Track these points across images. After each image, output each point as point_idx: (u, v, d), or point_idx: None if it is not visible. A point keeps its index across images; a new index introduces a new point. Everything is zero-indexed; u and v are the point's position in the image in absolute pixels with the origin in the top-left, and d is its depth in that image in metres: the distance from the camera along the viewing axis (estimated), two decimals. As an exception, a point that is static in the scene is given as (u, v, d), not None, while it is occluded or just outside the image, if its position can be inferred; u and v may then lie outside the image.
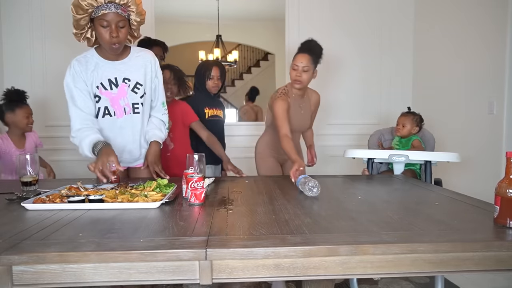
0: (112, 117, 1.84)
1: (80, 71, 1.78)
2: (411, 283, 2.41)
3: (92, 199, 1.31)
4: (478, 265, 0.96)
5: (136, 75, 1.84)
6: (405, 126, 2.60)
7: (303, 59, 2.18)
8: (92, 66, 1.79)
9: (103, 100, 1.81)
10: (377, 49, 3.63)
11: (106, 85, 1.80)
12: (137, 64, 1.85)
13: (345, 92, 3.61)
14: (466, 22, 2.87)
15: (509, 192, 1.03)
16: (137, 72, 1.84)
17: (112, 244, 0.92)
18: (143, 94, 1.87)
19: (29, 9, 3.27)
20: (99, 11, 1.65)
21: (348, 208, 1.31)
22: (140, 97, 1.86)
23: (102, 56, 1.81)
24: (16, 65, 3.29)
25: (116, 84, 1.81)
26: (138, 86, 1.84)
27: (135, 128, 1.89)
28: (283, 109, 2.18)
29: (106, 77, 1.80)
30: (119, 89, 1.82)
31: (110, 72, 1.81)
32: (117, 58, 1.82)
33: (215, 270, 0.91)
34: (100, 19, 1.66)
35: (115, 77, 1.81)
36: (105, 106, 1.82)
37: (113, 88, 1.81)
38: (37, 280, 0.88)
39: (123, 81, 1.82)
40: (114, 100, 1.82)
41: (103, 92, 1.80)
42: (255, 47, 8.80)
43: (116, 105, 1.83)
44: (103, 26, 1.67)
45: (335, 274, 0.94)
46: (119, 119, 1.85)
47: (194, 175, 1.31)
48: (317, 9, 3.52)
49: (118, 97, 1.82)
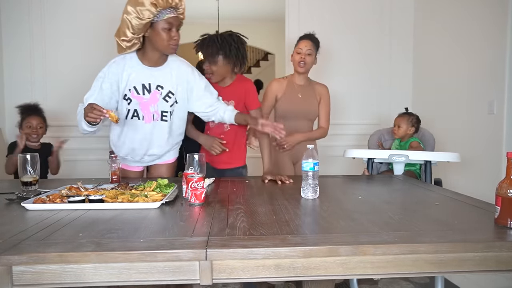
0: (140, 121, 1.85)
1: (116, 72, 1.80)
2: (411, 283, 2.41)
3: (92, 199, 1.31)
4: (479, 265, 0.95)
5: (170, 84, 1.84)
6: (400, 127, 2.60)
7: (306, 43, 2.34)
8: (129, 68, 1.80)
9: (133, 103, 1.83)
10: (377, 49, 3.62)
11: (139, 90, 1.81)
12: (172, 73, 1.85)
13: (345, 92, 3.61)
14: (466, 22, 2.87)
15: (509, 193, 1.02)
16: (171, 80, 1.85)
17: (112, 244, 0.92)
18: (173, 103, 1.87)
19: (29, 9, 3.26)
20: (163, 14, 1.68)
21: (348, 208, 1.31)
22: (170, 105, 1.86)
23: (141, 61, 1.82)
24: (16, 65, 3.29)
25: (149, 90, 1.82)
26: (170, 95, 1.85)
27: (161, 135, 1.89)
28: (271, 90, 2.38)
29: (140, 81, 1.81)
30: (151, 95, 1.82)
31: (145, 77, 1.81)
32: (155, 64, 1.83)
33: (215, 270, 0.91)
34: (165, 22, 1.70)
35: (149, 83, 1.81)
36: (135, 109, 1.83)
37: (145, 94, 1.81)
38: (37, 280, 0.88)
39: (156, 88, 1.82)
40: (145, 105, 1.83)
41: (134, 96, 1.81)
42: (255, 47, 8.79)
43: (145, 110, 1.83)
44: (166, 28, 1.71)
45: (335, 274, 0.94)
46: (146, 124, 1.85)
47: (194, 175, 1.31)
48: (317, 9, 3.51)
49: (149, 103, 1.83)
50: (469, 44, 2.84)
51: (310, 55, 2.33)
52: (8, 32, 3.26)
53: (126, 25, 1.71)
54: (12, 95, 3.24)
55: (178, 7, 1.72)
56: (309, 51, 2.32)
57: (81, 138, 3.27)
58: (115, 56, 2.00)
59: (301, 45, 2.34)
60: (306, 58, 2.33)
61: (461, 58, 2.92)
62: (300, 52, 2.34)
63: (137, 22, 1.68)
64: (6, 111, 3.24)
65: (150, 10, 1.65)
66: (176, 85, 1.86)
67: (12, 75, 3.28)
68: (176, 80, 1.86)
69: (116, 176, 1.71)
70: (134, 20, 1.67)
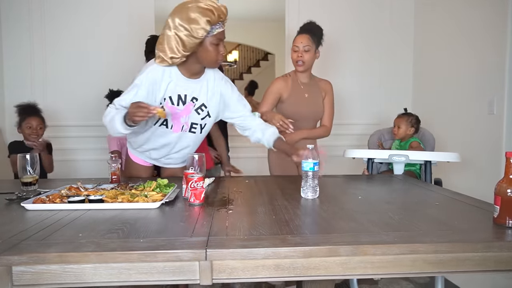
0: (168, 129, 1.79)
1: (154, 82, 1.69)
2: (411, 283, 2.41)
3: (92, 199, 1.31)
4: (478, 265, 0.96)
5: (205, 96, 1.79)
6: (400, 128, 2.60)
7: (303, 39, 2.15)
8: (168, 78, 1.72)
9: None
10: (377, 49, 3.62)
11: (175, 101, 1.74)
12: (208, 85, 1.80)
13: (345, 92, 3.61)
14: (467, 22, 2.87)
15: (509, 192, 1.03)
16: (206, 93, 1.80)
17: (112, 245, 0.92)
18: (205, 116, 1.82)
19: (29, 9, 3.26)
20: (213, 30, 1.60)
21: (348, 208, 1.31)
22: (202, 118, 1.82)
23: (181, 71, 1.74)
24: (16, 65, 3.29)
25: (184, 102, 1.76)
26: (202, 107, 1.80)
27: (185, 146, 1.86)
28: (274, 88, 2.21)
29: (176, 92, 1.74)
30: (186, 107, 1.77)
31: (183, 88, 1.75)
32: (193, 76, 1.76)
33: (215, 270, 0.91)
34: (214, 37, 1.62)
35: (185, 94, 1.75)
36: (165, 119, 1.76)
37: (179, 105, 1.75)
38: (37, 280, 0.88)
39: (191, 100, 1.77)
40: (177, 116, 1.77)
41: (168, 106, 1.73)
42: (255, 47, 8.80)
43: (176, 120, 1.78)
44: (215, 44, 1.64)
45: (335, 274, 0.94)
46: (173, 133, 1.80)
47: (194, 175, 1.31)
48: (317, 9, 3.51)
49: (182, 114, 1.77)
50: (469, 44, 2.84)
51: (308, 52, 2.15)
52: (8, 32, 3.26)
53: (175, 42, 1.59)
54: (12, 95, 3.24)
55: (224, 20, 1.66)
56: (306, 48, 2.14)
57: (81, 138, 3.28)
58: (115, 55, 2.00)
59: (297, 41, 2.16)
60: (304, 56, 2.15)
61: (461, 58, 2.92)
62: (297, 50, 2.16)
63: (190, 41, 1.58)
64: (6, 111, 3.24)
65: (204, 29, 1.56)
66: (209, 98, 1.81)
67: (12, 75, 3.28)
68: (211, 92, 1.81)
69: (116, 176, 1.71)
70: (186, 38, 1.57)
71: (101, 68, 3.27)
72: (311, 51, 2.16)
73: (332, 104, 2.34)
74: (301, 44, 2.15)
